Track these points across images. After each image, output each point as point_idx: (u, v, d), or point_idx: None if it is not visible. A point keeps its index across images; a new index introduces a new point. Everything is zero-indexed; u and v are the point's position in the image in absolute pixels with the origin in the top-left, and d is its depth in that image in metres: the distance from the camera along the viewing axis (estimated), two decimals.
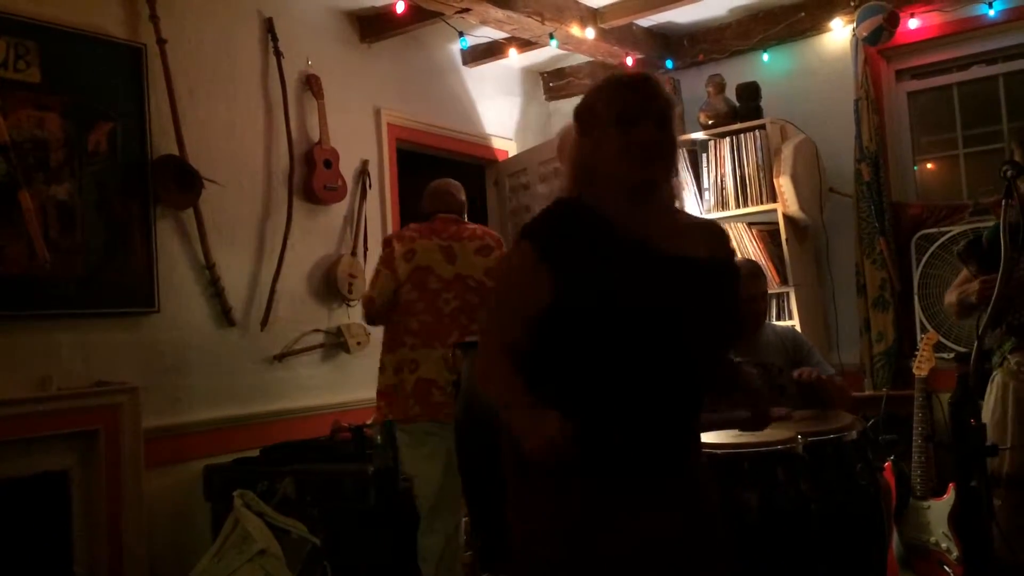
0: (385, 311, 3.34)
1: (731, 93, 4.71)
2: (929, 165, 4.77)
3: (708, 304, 1.69)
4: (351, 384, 4.19)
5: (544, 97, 5.57)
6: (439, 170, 5.53)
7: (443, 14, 4.11)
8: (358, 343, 4.17)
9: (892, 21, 4.19)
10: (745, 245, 4.51)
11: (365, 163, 4.38)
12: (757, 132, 4.51)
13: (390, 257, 3.37)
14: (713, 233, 1.83)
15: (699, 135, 4.72)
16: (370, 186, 4.38)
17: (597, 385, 1.64)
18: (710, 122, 4.68)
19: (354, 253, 4.24)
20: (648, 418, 1.66)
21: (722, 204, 4.60)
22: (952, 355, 4.04)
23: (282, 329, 3.91)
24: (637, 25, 4.81)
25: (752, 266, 3.43)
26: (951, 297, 3.32)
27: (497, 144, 5.22)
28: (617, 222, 1.68)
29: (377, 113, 4.50)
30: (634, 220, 1.69)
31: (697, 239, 1.75)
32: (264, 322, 3.82)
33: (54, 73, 3.17)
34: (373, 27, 4.41)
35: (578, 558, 1.63)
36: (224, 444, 3.59)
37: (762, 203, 4.48)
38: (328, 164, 4.10)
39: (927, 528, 3.36)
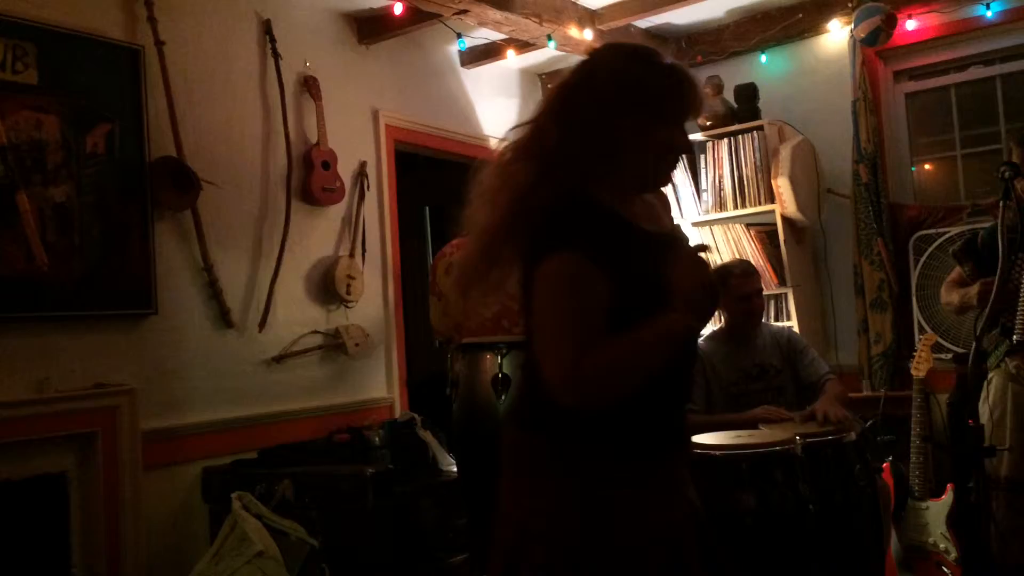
0: (448, 330, 3.53)
1: (729, 94, 4.71)
2: (927, 166, 4.78)
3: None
4: (349, 386, 4.19)
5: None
6: (437, 171, 5.55)
7: (441, 16, 4.11)
8: (356, 344, 4.17)
9: (890, 22, 4.19)
10: (743, 246, 4.52)
11: (363, 164, 4.38)
12: (755, 133, 4.52)
13: (433, 282, 3.59)
14: (665, 203, 1.80)
15: (697, 136, 4.72)
16: (368, 187, 4.37)
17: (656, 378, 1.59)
18: (708, 123, 4.68)
19: (352, 255, 4.23)
20: (680, 400, 1.71)
21: (720, 205, 4.61)
22: (950, 356, 4.05)
23: (280, 331, 3.90)
24: (635, 26, 4.81)
25: (745, 265, 3.45)
26: (951, 297, 3.33)
27: (495, 145, 5.21)
28: (627, 214, 1.62)
29: (375, 114, 4.49)
30: (633, 209, 1.65)
31: (660, 214, 1.74)
32: (262, 324, 3.81)
33: (52, 75, 3.17)
34: (371, 29, 4.41)
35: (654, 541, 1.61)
36: (222, 446, 3.58)
37: (760, 204, 4.48)
38: (326, 165, 4.10)
39: (925, 529, 3.37)
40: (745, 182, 4.53)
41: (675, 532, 1.62)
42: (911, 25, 4.42)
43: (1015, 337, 2.95)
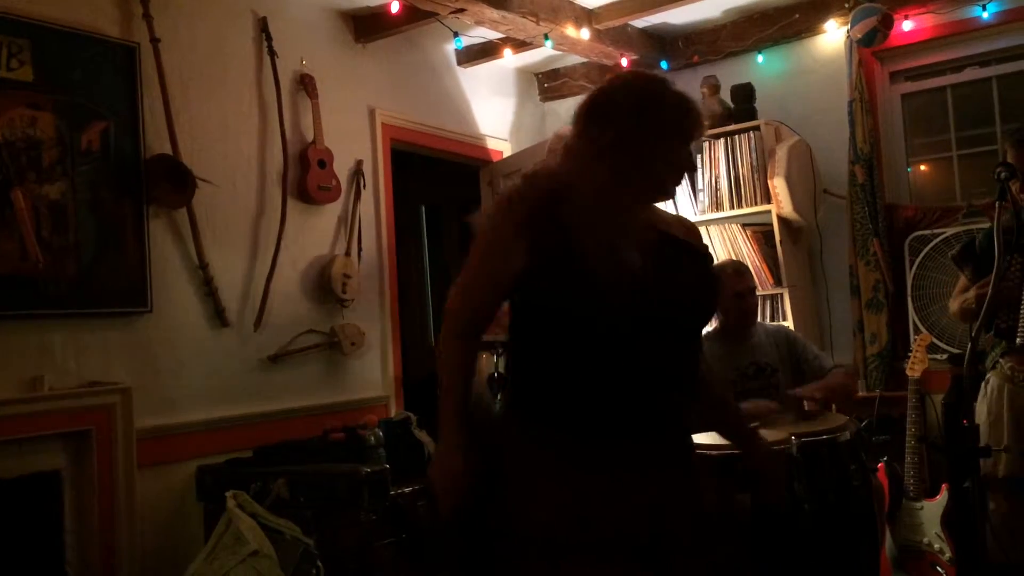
0: None
1: (726, 94, 4.71)
2: (923, 167, 4.79)
3: (685, 280, 1.80)
4: (345, 385, 4.19)
5: (539, 98, 5.57)
6: (434, 171, 5.54)
7: (438, 14, 4.10)
8: (352, 343, 4.16)
9: (886, 23, 4.20)
10: (739, 246, 4.52)
11: (359, 163, 4.37)
12: (751, 133, 4.52)
13: None
14: (687, 226, 1.98)
15: None
16: (364, 186, 4.37)
17: (586, 355, 1.70)
18: (705, 123, 4.68)
19: (348, 253, 4.23)
20: (641, 385, 1.73)
21: (716, 205, 4.61)
22: (945, 356, 4.06)
23: (276, 329, 3.90)
24: (632, 26, 4.81)
25: (736, 264, 3.47)
26: (954, 305, 3.34)
27: (492, 145, 5.22)
28: (630, 212, 1.78)
29: (371, 113, 4.49)
30: (644, 214, 1.83)
31: (673, 225, 1.91)
32: (258, 322, 3.81)
33: (47, 72, 3.16)
34: (368, 27, 4.40)
35: (580, 524, 1.67)
36: (217, 444, 3.57)
37: (756, 204, 4.48)
38: (322, 164, 4.09)
39: (920, 529, 3.37)
40: (741, 182, 4.53)
41: (598, 517, 1.67)
42: (907, 26, 4.43)
43: (1018, 340, 2.94)
